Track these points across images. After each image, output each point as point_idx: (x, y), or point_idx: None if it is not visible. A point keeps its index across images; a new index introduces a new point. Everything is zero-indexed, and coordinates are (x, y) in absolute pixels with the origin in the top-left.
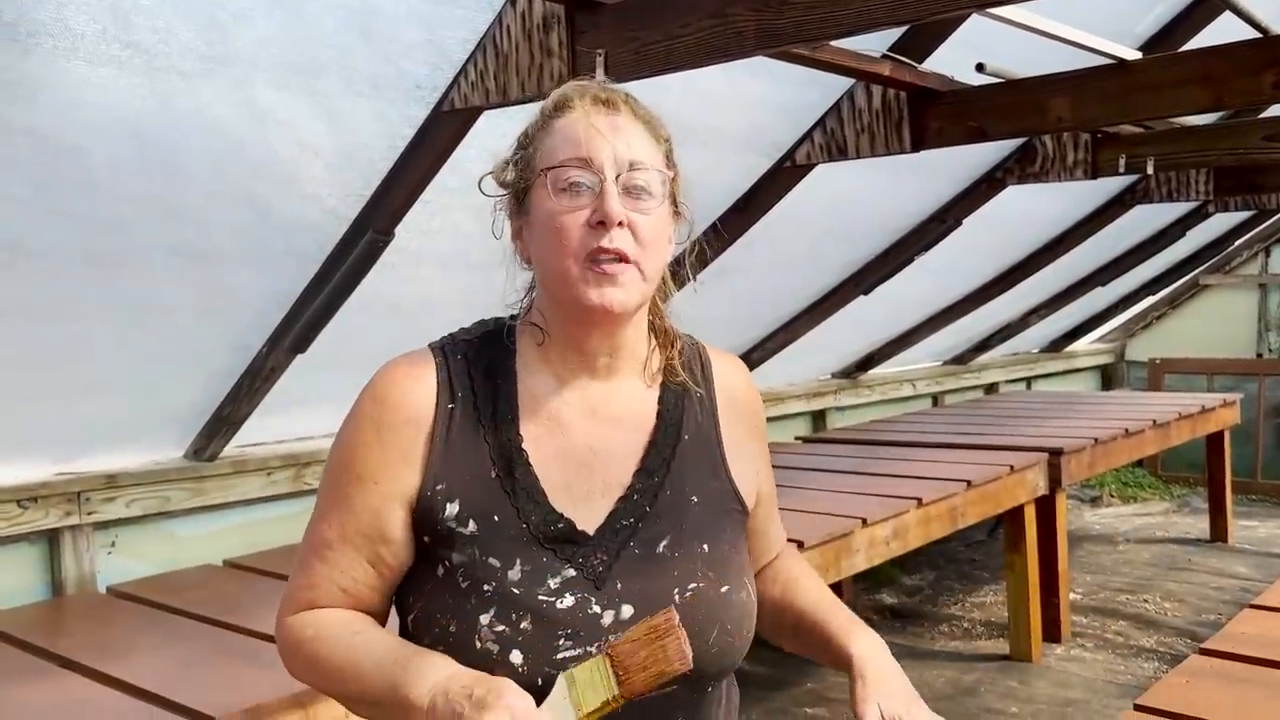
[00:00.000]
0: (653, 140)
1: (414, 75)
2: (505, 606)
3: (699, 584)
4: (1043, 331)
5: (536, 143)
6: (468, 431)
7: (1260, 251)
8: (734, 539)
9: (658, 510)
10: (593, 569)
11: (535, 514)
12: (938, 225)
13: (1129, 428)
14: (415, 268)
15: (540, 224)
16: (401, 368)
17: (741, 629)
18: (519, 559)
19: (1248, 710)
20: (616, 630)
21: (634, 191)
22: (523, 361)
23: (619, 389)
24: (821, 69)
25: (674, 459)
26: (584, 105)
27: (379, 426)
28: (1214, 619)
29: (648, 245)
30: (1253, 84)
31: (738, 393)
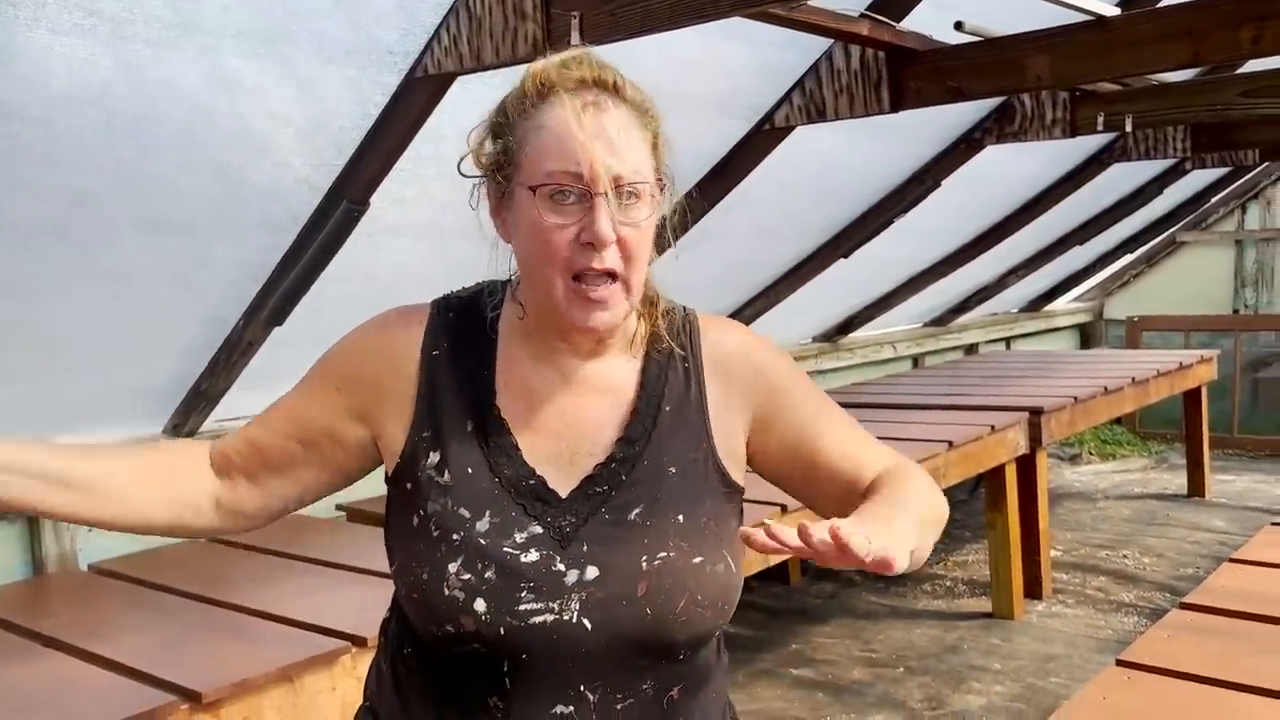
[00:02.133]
0: (642, 133)
1: (385, 41)
2: (472, 556)
3: (669, 553)
4: (1021, 291)
5: (519, 132)
6: (448, 382)
7: (1237, 208)
8: (715, 511)
9: (634, 479)
10: (560, 528)
11: (509, 468)
12: (917, 187)
13: (1108, 385)
14: (391, 238)
15: (526, 231)
16: (398, 312)
17: (716, 601)
18: (488, 511)
19: (1230, 663)
20: (580, 590)
21: (624, 201)
22: (505, 328)
23: (601, 365)
24: (799, 29)
25: (654, 430)
26: (568, 97)
27: (365, 351)
28: (1192, 573)
29: (635, 258)
30: (1231, 39)
31: (730, 360)
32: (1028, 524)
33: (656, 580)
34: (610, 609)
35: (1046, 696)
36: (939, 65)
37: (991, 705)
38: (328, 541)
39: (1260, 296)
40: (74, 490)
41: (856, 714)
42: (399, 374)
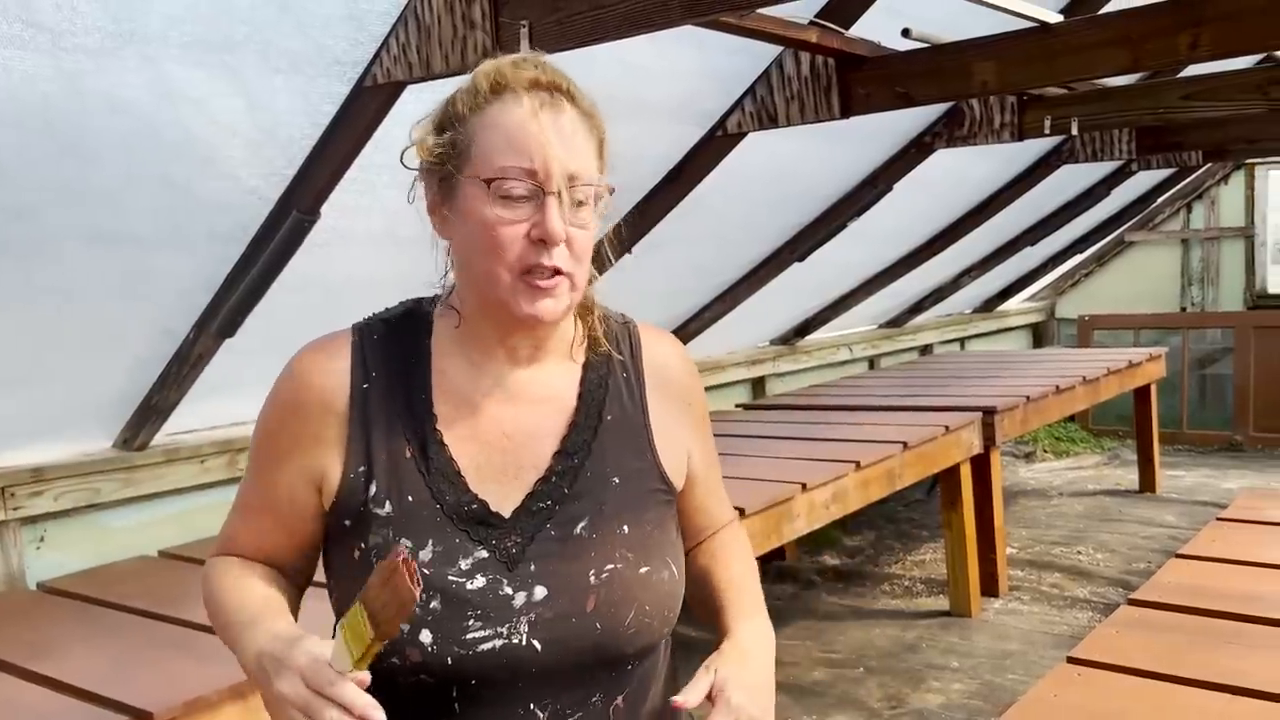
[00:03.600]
0: (591, 136)
1: (333, 50)
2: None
3: (616, 565)
4: (975, 292)
5: (471, 128)
6: (382, 412)
7: (1182, 208)
8: (658, 519)
9: (577, 491)
10: (506, 551)
11: (450, 494)
12: (869, 191)
13: (1060, 384)
14: (344, 247)
15: (473, 226)
16: (316, 349)
17: (662, 609)
18: (431, 539)
19: (1174, 657)
20: (529, 611)
21: (573, 204)
22: (438, 342)
23: (540, 372)
24: (749, 37)
25: (595, 440)
26: (525, 96)
27: (293, 408)
28: (1144, 567)
29: (582, 258)
30: (1169, 45)
31: (670, 371)
32: (983, 522)
33: (605, 594)
34: (559, 627)
35: (1004, 693)
36: (887, 71)
37: (950, 703)
38: None
39: (1206, 294)
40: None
41: (817, 715)
42: (330, 413)
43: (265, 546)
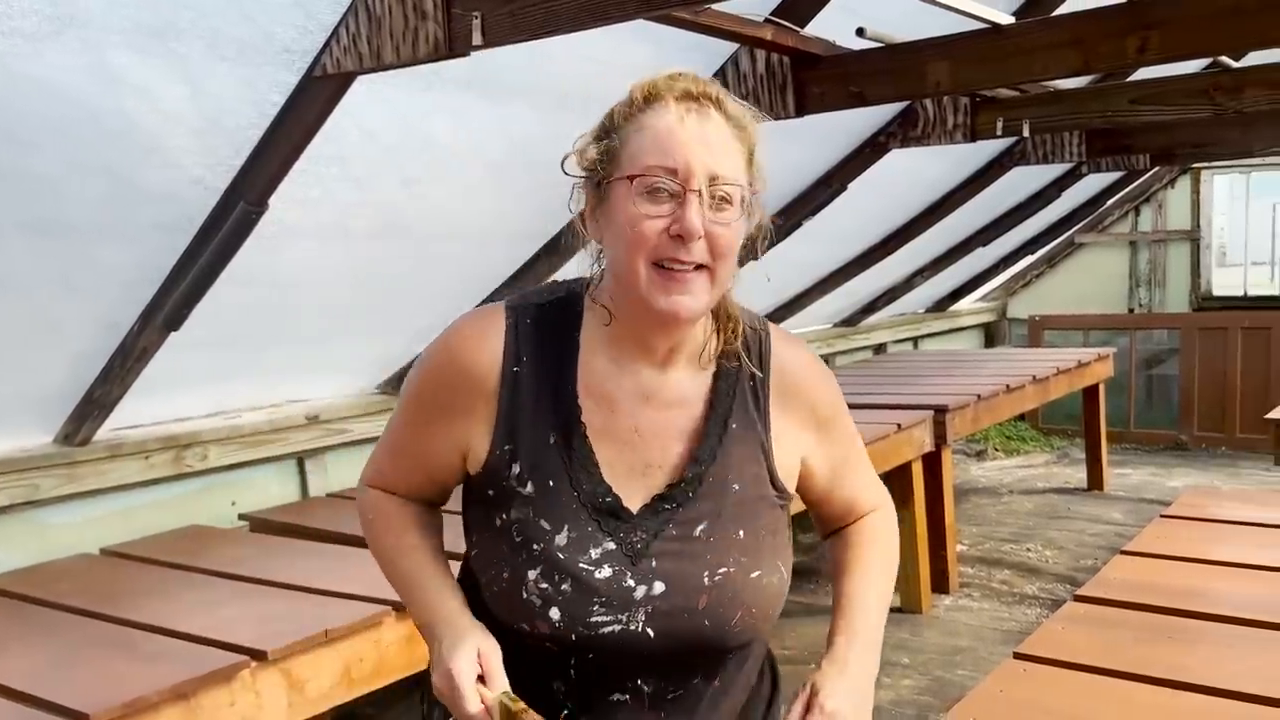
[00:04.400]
0: (739, 144)
1: (282, 38)
2: (550, 567)
3: (729, 569)
4: (928, 292)
5: (624, 134)
6: (532, 396)
7: (1130, 210)
8: (771, 525)
9: (700, 495)
10: (631, 545)
11: (587, 485)
12: (824, 190)
13: (1010, 383)
14: (293, 239)
15: (618, 222)
16: (472, 327)
17: (767, 610)
18: (567, 525)
19: (1118, 653)
20: (647, 604)
21: (715, 203)
22: (586, 337)
23: (673, 376)
24: (704, 33)
25: (720, 447)
26: (674, 104)
27: (447, 380)
28: (1091, 564)
29: (722, 255)
30: (1118, 48)
31: (795, 378)
32: (934, 520)
33: (717, 594)
34: (672, 620)
35: (953, 688)
36: (842, 71)
37: (900, 699)
38: (229, 553)
39: (1153, 296)
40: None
41: None
42: (480, 392)
43: (412, 484)
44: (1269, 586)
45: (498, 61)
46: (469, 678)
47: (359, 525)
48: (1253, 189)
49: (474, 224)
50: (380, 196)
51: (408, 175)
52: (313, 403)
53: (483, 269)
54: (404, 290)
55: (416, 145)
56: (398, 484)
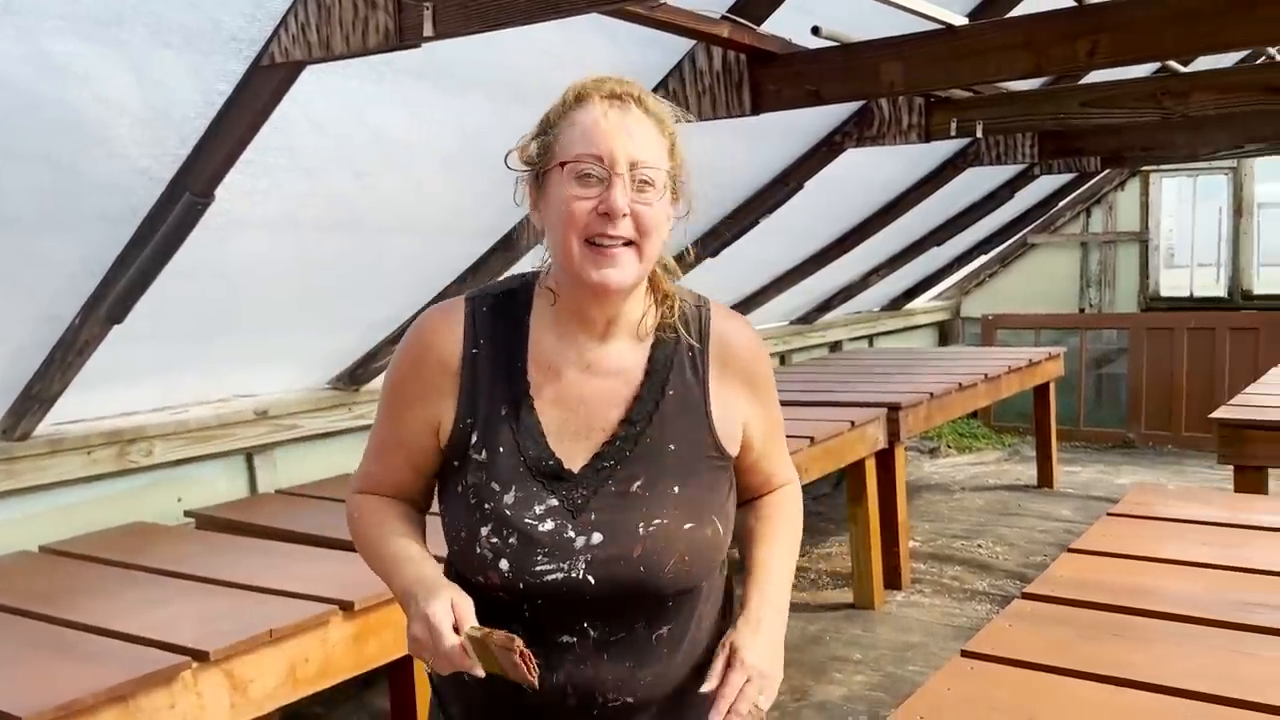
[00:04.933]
0: (659, 135)
1: (229, 26)
2: (499, 524)
3: (663, 520)
4: (883, 290)
5: (558, 130)
6: (488, 373)
7: (1082, 212)
8: (710, 482)
9: (637, 454)
10: (573, 501)
11: (533, 450)
12: (780, 188)
13: (962, 382)
14: (241, 231)
15: (554, 206)
16: (438, 318)
17: (701, 560)
18: (515, 486)
19: (1063, 650)
20: (586, 552)
21: (638, 185)
22: (536, 318)
23: (613, 347)
24: (660, 28)
25: (656, 411)
26: (600, 101)
27: (418, 364)
28: (1041, 560)
29: (647, 232)
30: (1069, 51)
31: (733, 349)
32: (887, 516)
33: (651, 543)
34: (609, 567)
35: (905, 684)
36: (798, 69)
37: (852, 694)
38: (174, 550)
39: (1103, 296)
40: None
41: None
42: (446, 373)
43: (397, 480)
44: (1211, 584)
45: (451, 53)
46: (445, 620)
47: (308, 522)
48: (1200, 192)
49: (428, 218)
50: (331, 188)
51: (359, 167)
52: (262, 398)
53: (437, 263)
54: (356, 284)
55: (368, 137)
56: (384, 482)
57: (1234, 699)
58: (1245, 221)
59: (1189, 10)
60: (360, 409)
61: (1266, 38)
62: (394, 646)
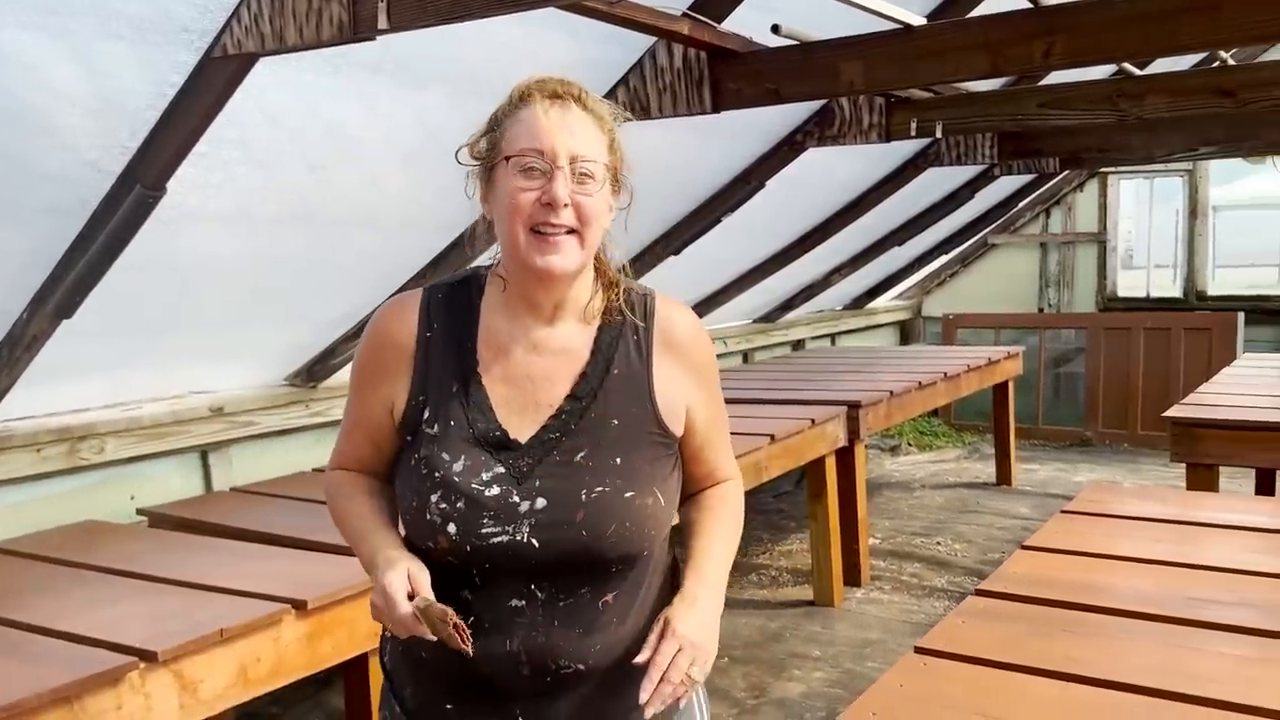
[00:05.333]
0: (598, 132)
1: (180, 17)
2: (448, 490)
3: (605, 489)
4: (845, 289)
5: (504, 127)
6: (440, 354)
7: (1041, 212)
8: (652, 457)
9: (582, 427)
10: (519, 469)
11: (481, 422)
12: (742, 186)
13: (922, 380)
14: (194, 225)
15: (501, 197)
16: (395, 305)
17: (641, 528)
18: (463, 456)
19: (1015, 646)
20: (530, 516)
21: (579, 177)
22: (487, 303)
23: (560, 329)
24: (620, 25)
25: (601, 388)
26: (542, 100)
27: (376, 349)
28: (998, 558)
29: (588, 220)
30: (1026, 52)
31: (678, 335)
32: (847, 514)
33: (593, 509)
34: (552, 531)
35: (863, 681)
36: (758, 67)
37: (811, 691)
38: (125, 549)
39: (1062, 296)
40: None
41: None
42: (401, 355)
43: (362, 457)
44: (1161, 580)
45: (409, 47)
46: (400, 590)
47: (263, 520)
48: (1157, 194)
49: (385, 212)
50: (286, 182)
51: (314, 161)
52: (217, 394)
53: (395, 258)
54: (313, 279)
55: (323, 130)
56: (351, 459)
57: (1181, 694)
58: (1200, 223)
59: (1142, 13)
60: (317, 406)
61: (1218, 41)
62: (348, 645)
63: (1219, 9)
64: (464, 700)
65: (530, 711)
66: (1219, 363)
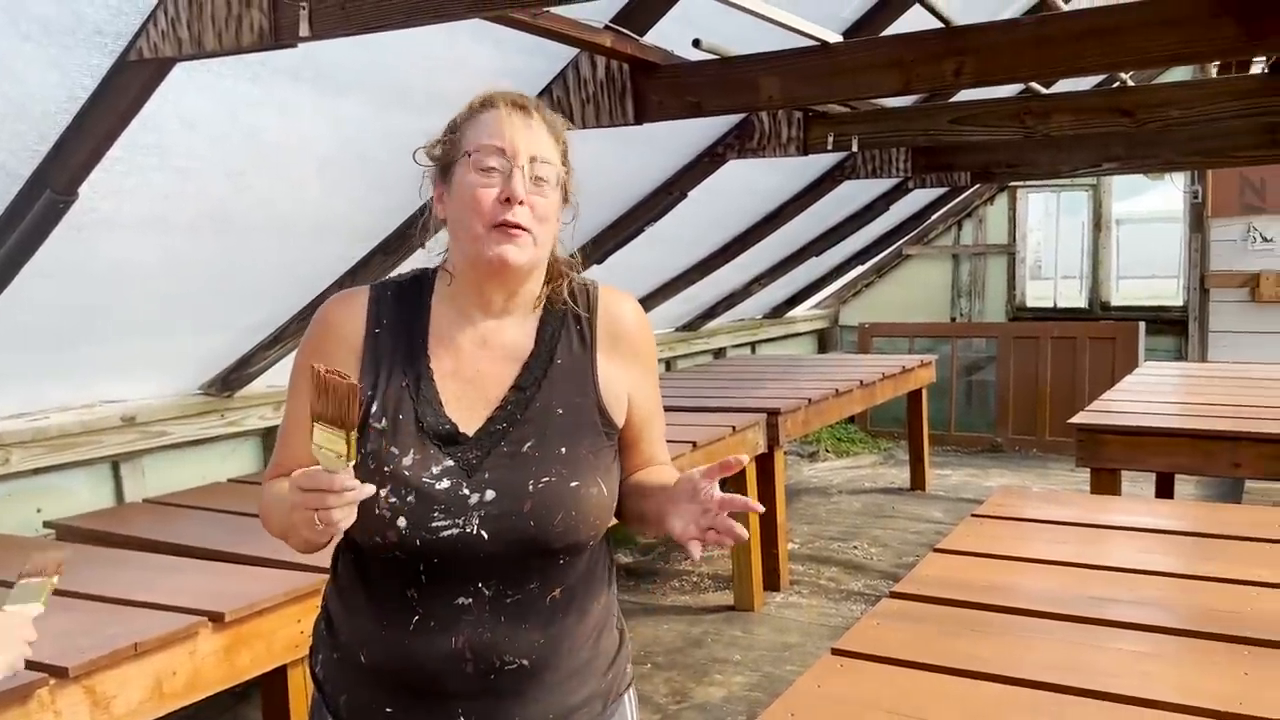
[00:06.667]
0: (554, 141)
1: (93, 20)
2: (398, 484)
3: (551, 478)
4: (766, 298)
5: (463, 131)
6: (389, 350)
7: (953, 225)
8: (595, 446)
9: (527, 417)
10: (468, 461)
11: (430, 417)
12: (665, 196)
13: (839, 388)
14: (108, 231)
15: (460, 192)
16: (340, 301)
17: (588, 516)
18: (413, 450)
19: (926, 646)
20: (480, 508)
21: (535, 180)
22: (436, 298)
23: (508, 323)
24: (543, 36)
25: (545, 378)
26: (503, 105)
27: (320, 343)
28: (912, 560)
29: (541, 220)
30: (936, 71)
31: (620, 326)
32: (766, 519)
33: (540, 499)
34: (501, 522)
35: (782, 684)
36: (680, 80)
37: (731, 695)
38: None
39: (973, 305)
40: None
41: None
42: (348, 347)
43: (302, 460)
44: (1065, 581)
45: (331, 55)
46: (302, 472)
47: (178, 532)
48: (1063, 207)
49: (304, 220)
50: (202, 188)
51: (232, 167)
52: (129, 403)
53: (314, 266)
54: (228, 286)
55: (242, 136)
56: (288, 467)
57: (1082, 689)
58: (1104, 236)
59: (1046, 36)
60: (233, 415)
61: (1116, 64)
62: (267, 657)
63: (1117, 34)
64: (405, 702)
65: (473, 711)
66: (1122, 370)
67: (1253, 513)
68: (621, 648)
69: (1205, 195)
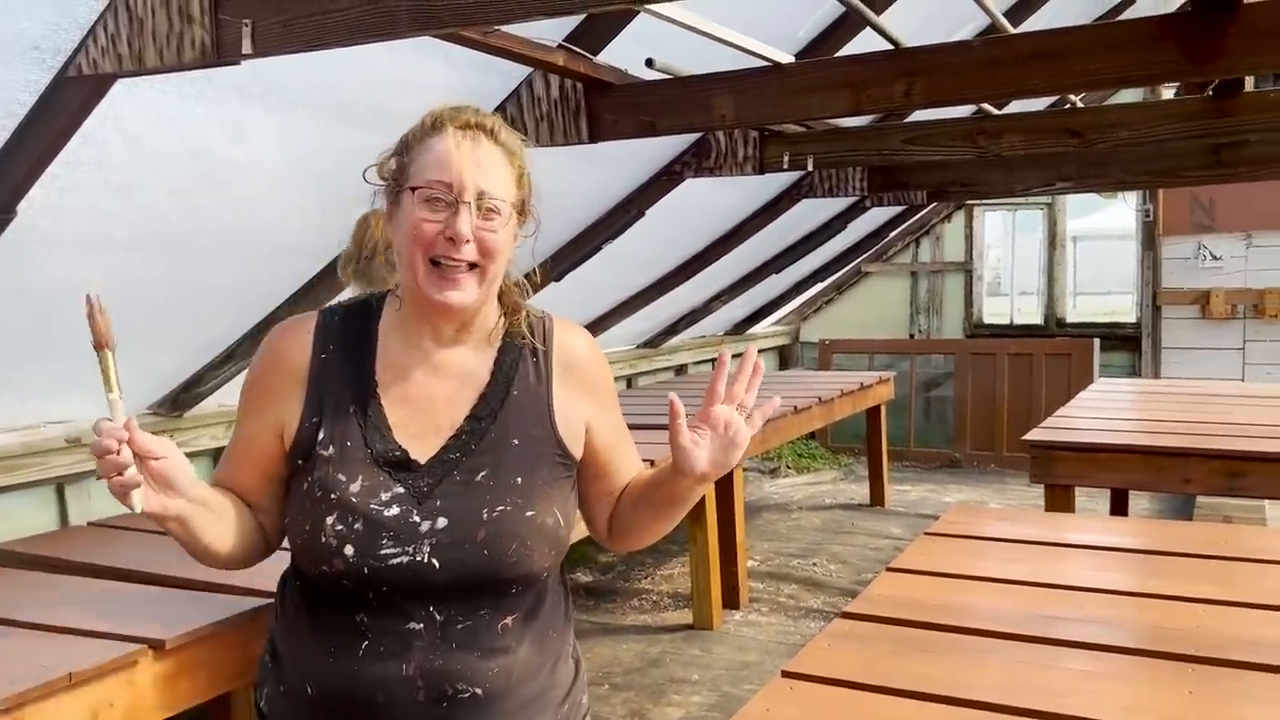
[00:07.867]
0: (507, 166)
1: (30, 34)
2: (345, 511)
3: (506, 508)
4: (726, 315)
5: (413, 153)
6: (336, 376)
7: (911, 242)
8: (551, 476)
9: (482, 448)
10: (419, 489)
11: (380, 443)
12: (623, 214)
13: (798, 405)
14: (48, 249)
15: (404, 227)
16: (286, 328)
17: (541, 546)
18: (361, 476)
19: (875, 667)
20: (431, 536)
21: (484, 213)
22: (385, 325)
23: (462, 352)
24: (494, 54)
25: (501, 409)
26: (454, 131)
27: (266, 371)
28: (871, 577)
29: (490, 255)
30: (887, 91)
31: (576, 358)
32: (726, 537)
33: (493, 528)
34: (453, 551)
35: (740, 704)
36: (633, 100)
37: (689, 715)
38: None
39: (931, 322)
40: (212, 512)
41: None
42: (293, 375)
43: (239, 479)
44: (1016, 599)
45: (277, 73)
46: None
47: (122, 557)
48: (1019, 225)
49: (251, 239)
50: (146, 205)
51: (177, 185)
52: (75, 424)
53: (262, 286)
54: (176, 305)
55: (187, 154)
56: (225, 486)
57: (1029, 709)
58: (1059, 253)
59: (995, 58)
60: (183, 436)
61: (1064, 86)
62: (209, 686)
63: (1063, 56)
64: None
65: None
66: (1077, 386)
67: (1204, 529)
68: (577, 679)
69: (1157, 214)
